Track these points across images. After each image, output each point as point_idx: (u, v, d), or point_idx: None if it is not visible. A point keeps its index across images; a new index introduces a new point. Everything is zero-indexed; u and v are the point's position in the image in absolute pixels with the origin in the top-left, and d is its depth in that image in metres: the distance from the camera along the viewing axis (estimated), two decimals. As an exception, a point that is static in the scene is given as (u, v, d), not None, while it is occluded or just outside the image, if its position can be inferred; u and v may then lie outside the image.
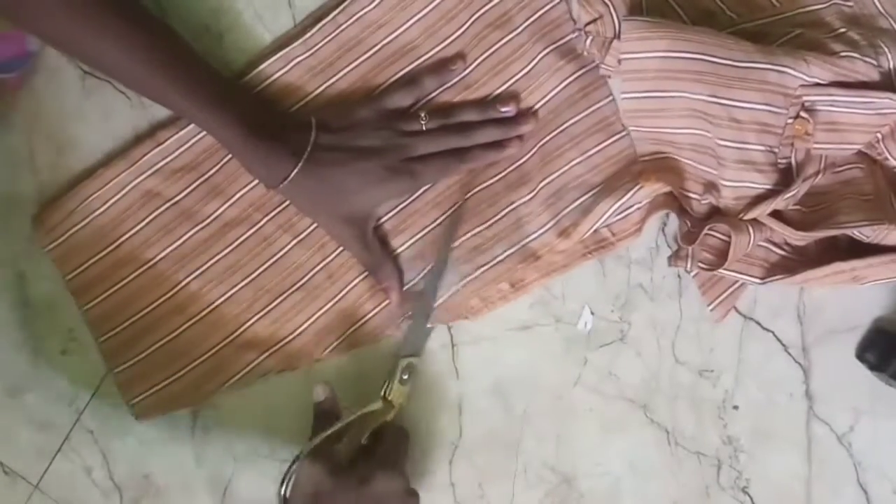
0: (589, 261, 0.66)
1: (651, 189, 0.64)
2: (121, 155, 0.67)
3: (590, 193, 0.65)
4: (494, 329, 0.67)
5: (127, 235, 0.67)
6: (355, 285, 0.67)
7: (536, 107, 0.66)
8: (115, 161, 0.67)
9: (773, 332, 0.66)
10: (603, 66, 0.64)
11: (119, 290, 0.67)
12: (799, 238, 0.62)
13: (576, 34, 0.66)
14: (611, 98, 0.66)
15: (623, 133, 0.66)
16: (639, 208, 0.65)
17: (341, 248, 0.67)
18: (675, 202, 0.66)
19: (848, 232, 0.61)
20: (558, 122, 0.66)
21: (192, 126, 0.67)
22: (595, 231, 0.65)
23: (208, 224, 0.67)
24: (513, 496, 0.66)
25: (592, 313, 0.67)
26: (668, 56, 0.61)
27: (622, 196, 0.63)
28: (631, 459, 0.66)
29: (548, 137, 0.66)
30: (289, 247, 0.67)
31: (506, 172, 0.66)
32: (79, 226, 0.67)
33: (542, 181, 0.66)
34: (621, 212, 0.65)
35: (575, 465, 0.66)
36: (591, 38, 0.64)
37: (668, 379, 0.66)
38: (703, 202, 0.64)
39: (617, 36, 0.63)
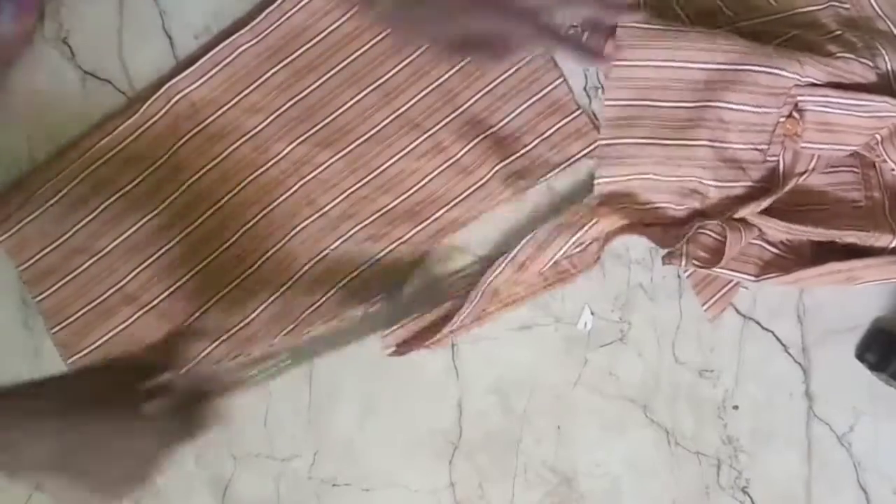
0: (551, 291, 0.66)
1: (608, 223, 0.63)
2: (71, 145, 0.67)
3: (545, 228, 0.64)
4: (494, 329, 0.67)
5: (78, 226, 0.67)
6: (305, 272, 0.67)
7: (485, 91, 0.67)
8: (66, 151, 0.67)
9: (772, 332, 0.66)
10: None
11: (71, 280, 0.67)
12: (783, 230, 0.62)
13: (570, 29, 0.66)
14: (562, 80, 0.67)
15: (578, 112, 0.66)
16: (596, 240, 0.65)
17: (287, 239, 0.66)
18: (636, 229, 0.65)
19: (835, 238, 0.61)
20: (510, 108, 0.67)
21: (140, 114, 0.67)
22: (555, 263, 0.64)
23: (158, 213, 0.67)
24: (513, 496, 0.66)
25: (592, 313, 0.67)
26: (664, 66, 0.61)
27: (577, 231, 0.63)
28: (631, 459, 0.66)
29: (502, 123, 0.67)
30: (235, 237, 0.67)
31: (458, 156, 0.66)
32: (31, 216, 0.67)
33: (497, 164, 0.66)
34: (577, 245, 0.64)
35: (575, 466, 0.66)
36: (587, 32, 0.64)
37: (668, 379, 0.66)
38: (681, 208, 0.64)
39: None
